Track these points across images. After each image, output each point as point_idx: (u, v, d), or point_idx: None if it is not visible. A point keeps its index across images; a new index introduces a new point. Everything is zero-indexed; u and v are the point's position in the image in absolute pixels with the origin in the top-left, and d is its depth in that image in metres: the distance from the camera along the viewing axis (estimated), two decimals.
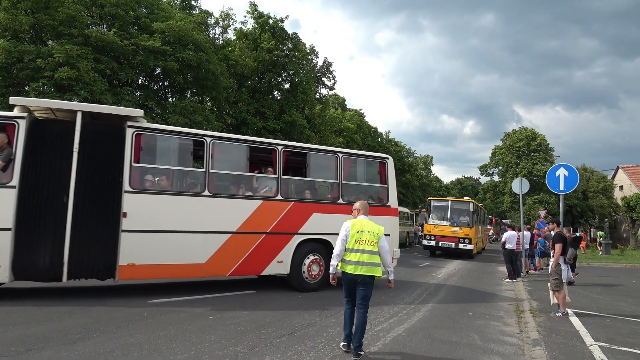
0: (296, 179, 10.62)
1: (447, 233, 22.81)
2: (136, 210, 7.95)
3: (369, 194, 11.09)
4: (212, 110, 21.27)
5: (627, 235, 42.83)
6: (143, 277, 8.31)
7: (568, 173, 11.69)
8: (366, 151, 17.60)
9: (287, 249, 9.55)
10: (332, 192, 10.54)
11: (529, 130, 45.70)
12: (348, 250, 5.45)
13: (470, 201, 24.17)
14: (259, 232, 9.23)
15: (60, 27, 14.93)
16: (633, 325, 8.20)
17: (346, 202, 10.14)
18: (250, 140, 9.78)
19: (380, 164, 11.14)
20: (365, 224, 5.56)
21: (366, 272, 5.36)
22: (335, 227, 9.45)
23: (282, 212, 9.50)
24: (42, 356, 4.84)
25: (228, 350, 5.37)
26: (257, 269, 9.31)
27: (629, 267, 22.49)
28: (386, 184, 10.97)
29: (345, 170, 10.48)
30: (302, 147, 10.66)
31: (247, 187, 9.64)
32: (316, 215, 9.87)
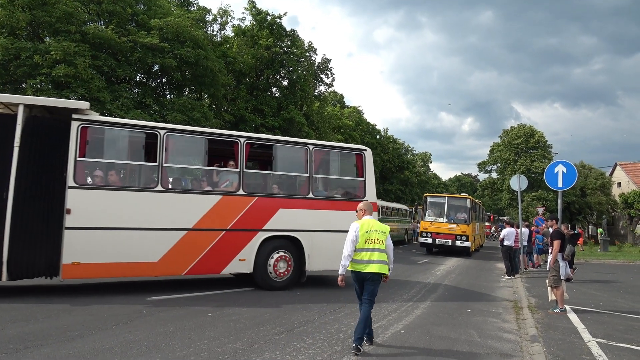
0: (261, 173, 10.25)
1: (444, 230, 22.31)
2: (81, 207, 7.61)
3: (343, 188, 10.66)
4: (211, 108, 21.24)
5: (624, 232, 42.90)
6: (89, 276, 7.96)
7: (566, 170, 11.71)
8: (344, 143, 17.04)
9: (250, 247, 9.07)
10: (301, 187, 9.99)
11: (527, 127, 45.71)
12: (358, 250, 5.60)
13: (468, 197, 23.71)
14: (218, 229, 8.76)
15: (58, 23, 14.88)
16: (630, 321, 8.23)
17: (317, 197, 9.75)
18: (209, 133, 9.30)
19: (357, 156, 10.48)
20: (373, 224, 5.72)
21: (377, 270, 5.53)
22: (305, 223, 9.57)
23: (244, 208, 9.02)
24: (40, 353, 4.83)
25: (227, 347, 5.37)
26: (216, 268, 8.84)
27: (626, 263, 22.56)
28: (363, 177, 10.35)
29: (317, 163, 9.96)
30: (267, 139, 10.17)
31: (206, 181, 9.24)
32: (283, 211, 9.41)
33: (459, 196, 25.55)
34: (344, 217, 9.46)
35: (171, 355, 5.00)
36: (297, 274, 9.61)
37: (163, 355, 4.97)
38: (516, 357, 5.78)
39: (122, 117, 14.86)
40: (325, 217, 9.73)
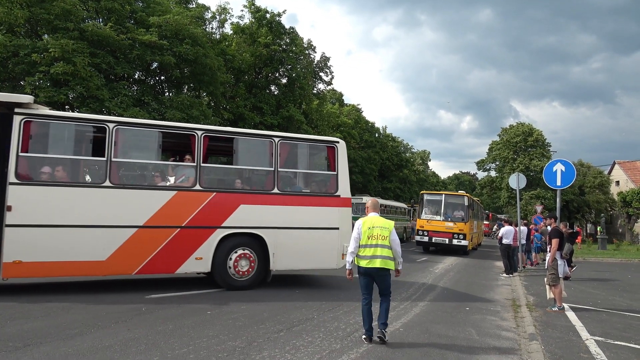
0: (220, 167, 9.88)
1: (441, 228, 21.85)
2: (23, 204, 7.36)
3: (313, 183, 10.15)
4: (209, 105, 21.21)
5: (623, 230, 43.03)
6: (33, 275, 7.73)
7: (565, 168, 11.73)
8: (316, 135, 16.53)
9: (207, 245, 8.59)
10: (265, 181, 9.51)
11: (526, 126, 45.78)
12: (362, 246, 5.80)
13: (465, 195, 23.19)
14: (171, 226, 8.33)
15: (56, 21, 14.84)
16: (628, 319, 8.25)
17: (283, 192, 9.25)
18: (164, 126, 8.92)
19: (329, 148, 9.88)
20: (376, 220, 5.90)
21: (380, 265, 5.70)
22: (269, 220, 9.09)
23: (201, 204, 8.56)
24: (39, 351, 4.83)
25: (226, 345, 5.38)
26: (171, 267, 8.42)
27: (624, 261, 22.63)
28: (335, 171, 9.70)
29: (283, 157, 9.41)
30: (228, 131, 9.77)
31: (159, 176, 8.82)
32: (245, 207, 8.89)
33: (456, 194, 25.21)
34: (313, 213, 9.41)
35: (170, 353, 5.01)
36: (262, 273, 9.12)
37: (162, 353, 4.97)
38: (514, 355, 5.79)
39: (121, 115, 14.84)
40: (292, 213, 9.26)
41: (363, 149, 41.01)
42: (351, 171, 37.84)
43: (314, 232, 9.39)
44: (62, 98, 14.52)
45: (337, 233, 9.47)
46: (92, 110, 14.56)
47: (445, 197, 23.01)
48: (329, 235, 9.44)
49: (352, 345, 5.69)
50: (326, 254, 9.43)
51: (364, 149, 41.21)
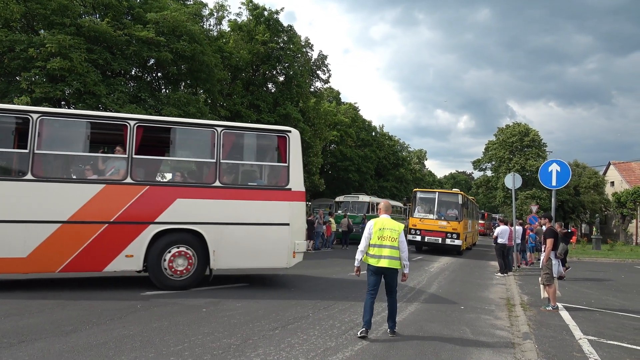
0: (154, 159, 9.18)
1: (434, 227, 21.12)
2: None
3: (261, 175, 9.64)
4: (206, 103, 21.17)
5: (617, 230, 43.27)
6: None
7: (560, 169, 11.80)
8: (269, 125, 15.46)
9: (138, 241, 8.08)
10: (206, 174, 8.98)
11: (522, 126, 45.89)
12: (372, 246, 6.11)
13: (459, 193, 22.52)
14: (99, 221, 7.86)
15: (53, 16, 14.76)
16: (621, 319, 8.31)
17: (226, 186, 8.71)
18: (93, 116, 8.47)
19: (280, 138, 9.27)
20: (387, 222, 6.20)
21: (388, 264, 6.01)
22: (210, 215, 8.52)
23: (132, 198, 8.07)
24: (34, 348, 4.83)
25: (221, 343, 5.39)
26: (98, 265, 7.98)
27: (618, 262, 22.76)
28: (287, 162, 9.10)
29: (227, 147, 8.85)
30: (164, 121, 9.28)
31: (87, 169, 8.37)
32: (182, 201, 8.37)
33: (450, 192, 24.28)
34: (260, 207, 8.86)
35: (165, 350, 5.01)
36: (202, 273, 8.61)
37: (157, 350, 4.98)
38: (508, 354, 5.83)
39: (117, 111, 14.80)
40: (235, 208, 8.71)
41: (360, 148, 41.04)
42: (348, 169, 38.05)
43: (261, 229, 8.86)
44: (58, 94, 14.45)
45: (287, 229, 8.91)
46: (89, 106, 14.50)
47: (438, 195, 22.31)
48: (279, 232, 8.90)
49: (347, 343, 5.71)
50: (275, 252, 8.91)
51: (360, 147, 41.24)
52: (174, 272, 8.32)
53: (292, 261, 9.01)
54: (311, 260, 14.83)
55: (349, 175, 38.10)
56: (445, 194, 23.38)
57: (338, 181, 38.43)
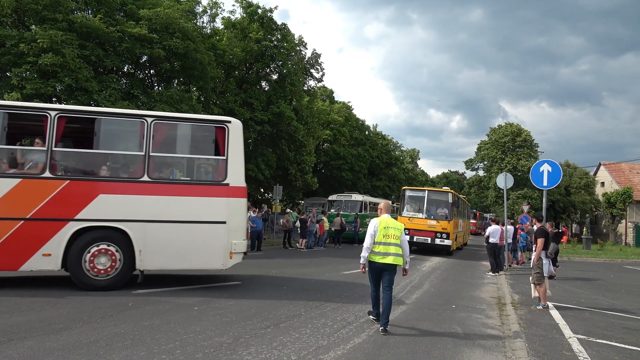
0: (76, 152, 8.68)
1: (423, 227, 20.41)
2: None
3: (195, 169, 9.08)
4: (199, 100, 21.06)
5: (607, 230, 43.64)
6: None
7: (552, 169, 11.89)
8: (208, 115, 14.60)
9: (57, 239, 7.61)
10: (133, 168, 8.41)
11: (514, 126, 46.15)
12: (377, 244, 6.38)
13: (449, 191, 21.73)
14: (13, 217, 7.43)
15: (44, 11, 14.61)
16: (610, 318, 8.40)
17: (155, 180, 8.17)
18: (8, 106, 8.06)
19: (218, 129, 8.65)
20: (390, 221, 6.53)
21: (392, 261, 6.34)
22: (136, 212, 7.95)
23: (50, 193, 7.61)
24: (24, 346, 4.79)
25: (213, 341, 5.38)
26: (13, 264, 7.54)
27: (608, 261, 22.99)
28: (225, 155, 8.50)
29: (158, 139, 8.32)
30: (88, 111, 8.81)
31: (3, 162, 7.87)
32: (105, 197, 7.87)
33: (439, 190, 23.34)
34: (193, 204, 8.32)
35: (157, 348, 4.99)
36: (129, 273, 8.08)
37: (148, 349, 4.96)
38: (499, 353, 5.87)
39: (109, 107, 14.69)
40: (165, 204, 8.16)
41: (353, 147, 41.09)
42: (341, 168, 38.10)
43: (194, 227, 8.29)
44: (50, 90, 14.32)
45: (223, 228, 8.33)
46: (81, 102, 14.39)
47: (428, 194, 21.39)
48: (214, 231, 8.33)
49: (339, 342, 5.72)
50: (209, 253, 8.35)
51: (353, 146, 41.28)
52: (97, 272, 7.81)
53: (228, 262, 8.40)
54: (304, 259, 14.84)
55: (342, 174, 38.14)
56: (435, 192, 22.37)
57: (331, 180, 38.46)
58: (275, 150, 25.67)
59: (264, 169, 23.78)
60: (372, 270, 6.53)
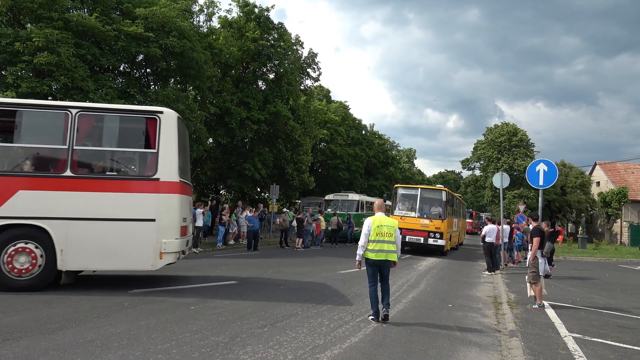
0: None
1: (415, 226, 19.77)
2: None
3: (123, 163, 8.56)
4: (196, 99, 21.02)
5: (602, 230, 43.87)
6: None
7: (548, 168, 11.93)
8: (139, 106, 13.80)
9: None
10: (56, 162, 7.94)
11: (510, 126, 46.27)
12: (371, 241, 6.73)
13: (443, 189, 21.13)
14: None
15: (40, 10, 14.54)
16: (605, 317, 8.44)
17: (78, 175, 7.69)
18: None
19: (149, 121, 8.11)
20: (384, 220, 6.87)
21: (386, 257, 6.74)
22: (58, 209, 7.48)
23: None
24: (19, 346, 4.77)
25: (209, 340, 5.37)
26: None
27: (603, 260, 23.10)
28: (156, 148, 7.95)
29: (83, 132, 7.91)
30: (9, 103, 8.42)
31: None
32: (25, 193, 7.46)
33: (433, 188, 22.84)
34: (119, 201, 7.81)
35: (153, 348, 4.98)
36: (52, 272, 7.57)
37: (145, 348, 4.95)
38: (495, 351, 5.89)
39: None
40: (90, 200, 7.70)
41: (350, 146, 41.12)
42: (338, 168, 38.12)
43: (121, 225, 7.76)
44: (45, 89, 14.25)
45: (153, 226, 7.79)
46: (76, 101, 14.33)
47: (421, 192, 20.70)
48: (142, 229, 7.80)
49: (336, 341, 5.72)
50: (137, 252, 7.83)
51: (350, 146, 41.31)
52: (18, 272, 7.35)
53: (158, 263, 7.83)
54: (300, 259, 14.84)
55: (339, 174, 38.16)
56: (429, 190, 21.80)
57: (328, 179, 38.47)
58: (272, 150, 25.66)
59: (260, 168, 23.78)
60: (370, 266, 6.87)
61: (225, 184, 27.77)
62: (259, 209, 21.62)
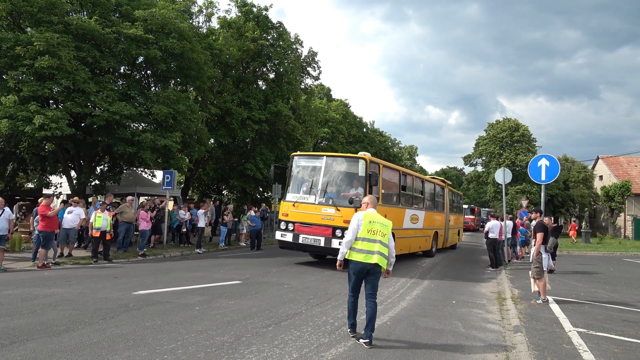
0: None
1: (314, 218, 12.21)
2: None
3: None
4: (196, 100, 21.03)
5: (605, 224, 43.76)
6: None
7: (549, 163, 11.92)
8: None
9: None
10: None
11: (512, 121, 46.22)
12: (360, 239, 5.60)
13: (363, 157, 12.24)
14: None
15: (40, 14, 14.57)
16: (610, 311, 8.43)
17: None
18: None
19: None
20: (376, 216, 5.78)
21: (378, 261, 5.53)
22: None
23: None
24: (26, 348, 4.80)
25: (215, 340, 5.40)
26: None
27: (607, 255, 23.04)
28: None
29: None
30: None
31: None
32: None
33: (347, 156, 13.66)
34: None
35: (159, 349, 5.01)
36: None
37: (150, 349, 4.97)
38: (499, 347, 5.90)
39: (107, 109, 14.67)
40: None
41: (351, 144, 41.10)
42: None
43: None
44: (47, 92, 14.29)
45: None
46: (78, 104, 14.37)
47: (327, 162, 12.80)
48: None
49: (340, 339, 5.74)
50: None
51: (351, 144, 41.31)
52: None
53: None
54: (303, 257, 14.85)
55: None
56: (340, 159, 13.24)
57: None
58: (274, 149, 25.66)
59: (262, 167, 23.78)
60: (355, 271, 5.62)
61: (228, 184, 27.78)
62: (262, 208, 21.65)
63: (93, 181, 17.79)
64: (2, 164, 18.67)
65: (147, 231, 14.57)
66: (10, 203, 16.14)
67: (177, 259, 14.01)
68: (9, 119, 13.22)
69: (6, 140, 15.62)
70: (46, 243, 10.80)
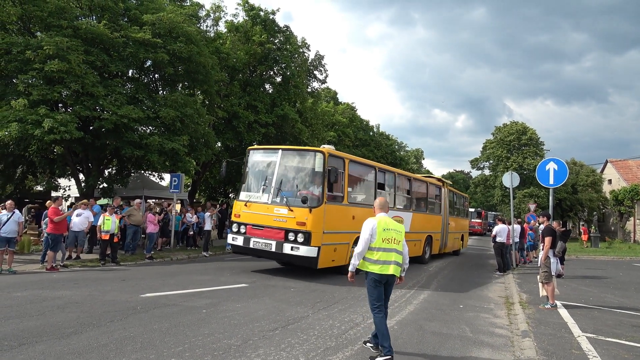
0: None
1: (266, 220, 11.06)
2: None
3: None
4: (204, 104, 21.13)
5: (615, 228, 43.37)
6: None
7: (558, 167, 11.85)
8: None
9: None
10: None
11: (519, 125, 46.00)
12: (374, 250, 5.19)
13: (321, 151, 11.06)
14: None
15: (49, 18, 14.73)
16: (619, 316, 8.35)
17: None
18: None
19: None
20: (390, 223, 5.37)
21: (393, 271, 5.20)
22: None
23: None
24: (35, 350, 4.83)
25: (222, 344, 5.40)
26: None
27: (616, 259, 22.82)
28: None
29: None
30: None
31: None
32: None
33: (304, 149, 12.16)
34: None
35: (166, 351, 5.02)
36: None
37: (158, 352, 4.99)
38: (507, 352, 5.86)
39: (115, 112, 14.77)
40: None
41: (357, 148, 41.08)
42: None
43: None
44: (56, 96, 14.43)
45: None
46: (87, 107, 14.50)
47: (282, 156, 11.55)
48: None
49: (347, 343, 5.73)
50: None
51: (358, 147, 41.29)
52: None
53: None
54: None
55: None
56: (295, 153, 11.86)
57: None
58: None
59: None
60: (373, 283, 5.21)
61: (235, 188, 27.86)
62: None
63: (101, 184, 17.92)
64: (11, 167, 18.85)
65: (155, 234, 14.65)
66: (19, 206, 16.28)
67: (184, 262, 14.05)
68: (19, 122, 13.34)
69: (16, 144, 15.76)
70: (55, 245, 10.88)
